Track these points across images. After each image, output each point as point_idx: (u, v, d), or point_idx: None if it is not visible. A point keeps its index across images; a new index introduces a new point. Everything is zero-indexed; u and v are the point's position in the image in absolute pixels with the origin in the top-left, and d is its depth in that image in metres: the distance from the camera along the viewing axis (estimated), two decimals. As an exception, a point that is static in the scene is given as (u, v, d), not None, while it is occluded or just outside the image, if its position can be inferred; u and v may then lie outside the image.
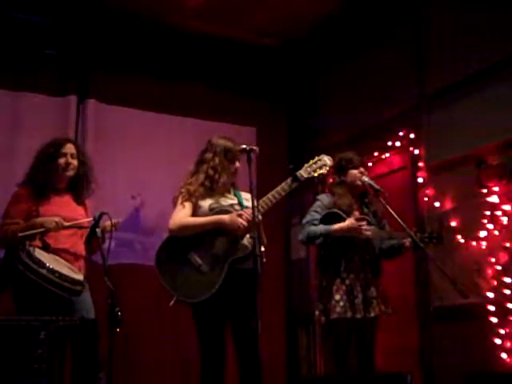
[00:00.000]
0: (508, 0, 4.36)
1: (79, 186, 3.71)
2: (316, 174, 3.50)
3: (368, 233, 3.83)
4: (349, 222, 3.83)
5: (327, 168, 3.54)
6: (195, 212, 3.46)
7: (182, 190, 3.50)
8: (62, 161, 3.62)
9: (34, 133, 4.97)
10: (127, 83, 5.54)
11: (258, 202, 3.30)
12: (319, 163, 3.51)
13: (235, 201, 3.52)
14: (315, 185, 5.49)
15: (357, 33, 5.56)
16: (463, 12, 4.69)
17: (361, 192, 4.05)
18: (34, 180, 3.59)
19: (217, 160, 3.51)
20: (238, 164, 3.52)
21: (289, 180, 3.42)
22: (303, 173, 3.47)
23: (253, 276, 3.01)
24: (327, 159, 3.53)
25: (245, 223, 3.29)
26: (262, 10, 5.42)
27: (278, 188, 3.41)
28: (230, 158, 3.51)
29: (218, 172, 3.49)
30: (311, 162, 3.52)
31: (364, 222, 3.84)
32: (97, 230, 3.28)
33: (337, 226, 3.85)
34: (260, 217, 3.26)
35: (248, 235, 3.30)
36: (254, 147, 3.21)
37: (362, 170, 4.02)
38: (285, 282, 5.97)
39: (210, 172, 3.50)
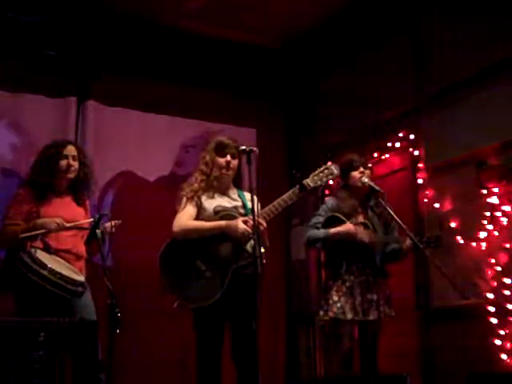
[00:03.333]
0: (507, 0, 4.37)
1: (80, 188, 3.71)
2: (323, 184, 3.48)
3: (364, 238, 3.84)
4: (346, 226, 3.86)
5: (334, 177, 3.53)
6: (200, 214, 3.45)
7: (185, 191, 3.50)
8: (63, 163, 3.62)
9: (33, 134, 4.96)
10: (127, 85, 5.54)
11: (260, 205, 3.31)
12: (326, 172, 3.46)
13: (239, 202, 3.52)
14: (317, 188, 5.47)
15: (357, 34, 5.55)
16: (463, 12, 4.69)
17: (365, 194, 4.03)
18: (35, 181, 3.59)
19: (208, 156, 3.55)
20: (229, 158, 3.48)
21: (295, 189, 3.38)
22: (310, 182, 3.43)
23: (255, 280, 3.01)
24: (334, 168, 3.48)
25: (249, 229, 3.25)
26: (262, 11, 5.41)
27: (285, 196, 3.38)
28: (220, 152, 3.51)
29: (209, 167, 3.52)
30: (318, 170, 3.46)
31: (361, 227, 3.84)
32: (97, 231, 3.29)
33: (334, 229, 3.88)
34: (265, 224, 3.26)
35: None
36: (254, 148, 3.21)
37: (361, 170, 4.00)
38: (285, 282, 5.97)
39: (203, 168, 3.54)
